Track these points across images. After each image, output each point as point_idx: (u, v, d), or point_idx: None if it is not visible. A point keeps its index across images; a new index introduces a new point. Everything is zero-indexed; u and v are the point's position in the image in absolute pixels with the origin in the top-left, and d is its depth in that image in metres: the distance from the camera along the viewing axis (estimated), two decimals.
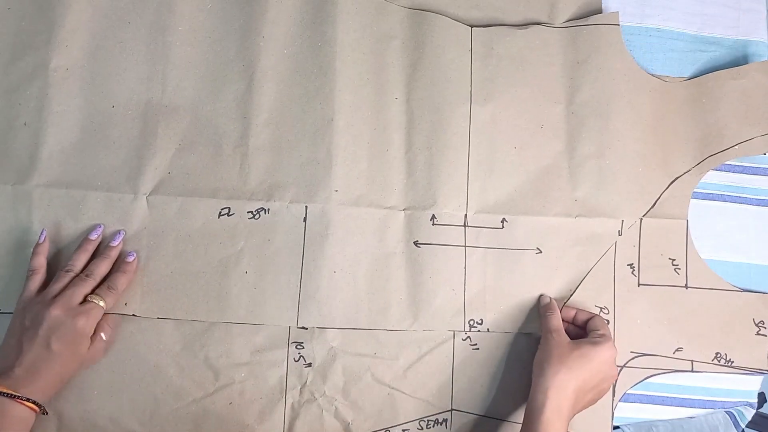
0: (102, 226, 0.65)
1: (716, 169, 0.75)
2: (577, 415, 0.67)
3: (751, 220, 0.76)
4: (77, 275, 0.62)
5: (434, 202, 0.69)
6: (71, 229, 0.65)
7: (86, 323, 0.60)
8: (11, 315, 0.62)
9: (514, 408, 0.68)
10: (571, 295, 0.70)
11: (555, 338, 0.64)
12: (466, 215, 0.70)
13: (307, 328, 0.66)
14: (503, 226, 0.70)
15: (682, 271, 0.72)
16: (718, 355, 0.71)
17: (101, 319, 0.62)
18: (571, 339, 0.65)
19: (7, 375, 0.56)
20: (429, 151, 0.70)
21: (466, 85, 0.72)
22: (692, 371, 0.71)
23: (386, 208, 0.69)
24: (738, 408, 0.73)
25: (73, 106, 0.67)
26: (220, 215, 0.67)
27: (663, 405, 0.72)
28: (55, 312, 0.58)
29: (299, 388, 0.66)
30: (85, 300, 0.61)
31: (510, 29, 0.74)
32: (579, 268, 0.71)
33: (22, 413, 0.56)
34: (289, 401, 0.66)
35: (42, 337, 0.58)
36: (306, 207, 0.68)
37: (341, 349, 0.67)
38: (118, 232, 0.65)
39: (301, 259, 0.67)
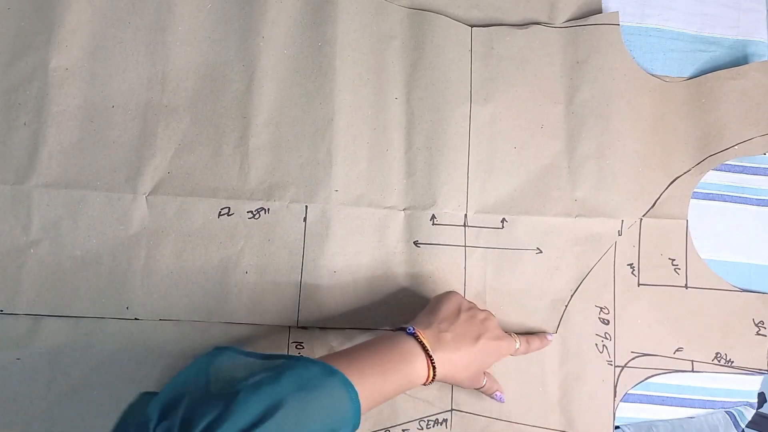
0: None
1: (716, 169, 0.75)
2: (577, 415, 0.69)
3: (751, 220, 0.76)
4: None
5: (434, 202, 0.69)
6: (70, 228, 0.65)
7: (506, 346, 0.62)
8: (11, 315, 0.63)
9: (515, 408, 0.68)
10: (572, 295, 0.70)
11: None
12: (466, 215, 0.70)
13: (307, 328, 0.67)
14: (503, 226, 0.70)
15: (682, 271, 0.72)
16: (718, 355, 0.71)
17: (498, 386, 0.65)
18: None
19: (438, 334, 0.57)
20: (429, 151, 0.70)
21: (466, 85, 0.72)
22: (692, 371, 0.71)
23: (386, 208, 0.69)
24: (738, 408, 0.73)
25: (73, 107, 0.67)
26: (219, 215, 0.67)
27: (663, 405, 0.72)
28: (488, 317, 0.62)
29: None
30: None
31: (510, 29, 0.74)
32: (579, 268, 0.71)
33: (421, 375, 0.55)
34: None
35: (477, 326, 0.60)
36: (306, 207, 0.68)
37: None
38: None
39: (301, 259, 0.67)
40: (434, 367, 0.55)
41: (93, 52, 0.69)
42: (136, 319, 0.65)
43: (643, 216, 0.72)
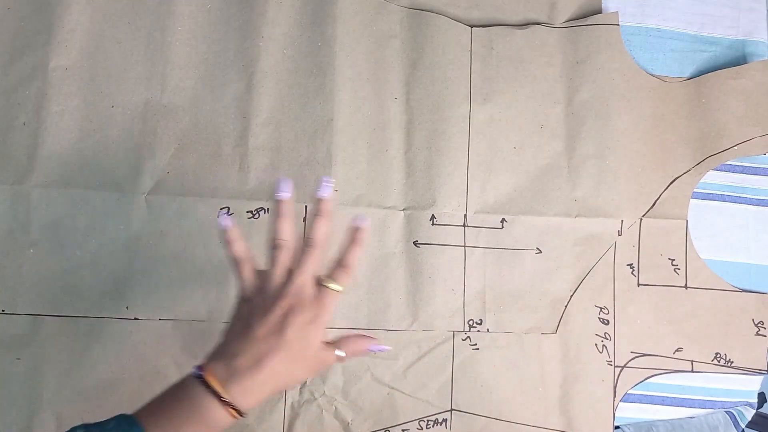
0: (287, 181, 0.55)
1: (716, 169, 0.76)
2: (577, 415, 0.69)
3: (751, 220, 0.77)
4: (294, 248, 0.53)
5: (434, 201, 0.70)
6: (70, 228, 0.66)
7: (324, 310, 0.51)
8: (11, 315, 0.64)
9: (514, 408, 0.69)
10: (572, 295, 0.71)
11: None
12: (465, 215, 0.71)
13: None
14: (503, 226, 0.71)
15: (682, 271, 0.73)
16: (718, 355, 0.72)
17: (342, 338, 0.53)
18: None
19: (228, 363, 0.47)
20: (428, 151, 0.71)
21: (466, 85, 0.73)
22: (692, 371, 0.72)
23: (386, 208, 0.70)
24: (738, 408, 0.74)
25: (72, 106, 0.68)
26: (219, 215, 0.68)
27: (663, 405, 0.73)
28: (290, 300, 0.50)
29: (299, 387, 0.67)
30: (318, 282, 0.52)
31: (510, 29, 0.75)
32: (578, 268, 0.72)
33: (220, 418, 0.46)
34: (289, 401, 0.67)
35: (275, 324, 0.49)
36: (306, 207, 0.69)
37: None
38: (323, 179, 0.55)
39: None
40: (235, 407, 0.47)
41: (92, 52, 0.69)
42: (135, 318, 0.66)
43: (643, 216, 0.73)
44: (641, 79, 0.76)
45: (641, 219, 0.73)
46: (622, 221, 0.73)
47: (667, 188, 0.74)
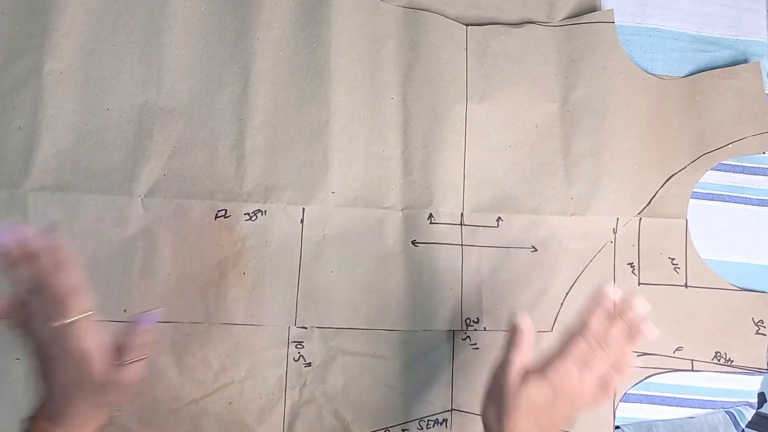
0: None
1: (716, 169, 0.80)
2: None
3: (751, 220, 0.81)
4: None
5: (431, 200, 0.74)
6: (67, 232, 0.69)
7: (77, 341, 0.53)
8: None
9: None
10: (567, 294, 0.75)
11: (504, 373, 0.58)
12: (462, 214, 0.74)
13: (306, 327, 0.71)
14: (498, 225, 0.75)
15: (682, 271, 0.77)
16: (718, 354, 0.76)
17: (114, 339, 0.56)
18: None
19: (40, 412, 0.54)
20: (425, 150, 0.75)
21: (462, 84, 0.77)
22: (692, 370, 0.75)
23: (383, 208, 0.74)
24: (738, 408, 0.77)
25: (68, 110, 0.71)
26: (216, 217, 0.71)
27: (663, 405, 0.76)
28: (38, 339, 0.55)
29: (299, 387, 0.70)
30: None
31: (505, 28, 0.79)
32: (574, 266, 0.75)
33: None
34: (289, 401, 0.70)
35: (42, 371, 0.54)
36: (303, 209, 0.72)
37: (341, 349, 0.71)
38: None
39: (299, 260, 0.72)
40: None
41: (87, 55, 0.73)
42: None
43: (642, 215, 0.77)
44: (637, 76, 0.79)
45: (641, 218, 0.77)
46: (618, 219, 0.76)
47: (663, 186, 0.78)
